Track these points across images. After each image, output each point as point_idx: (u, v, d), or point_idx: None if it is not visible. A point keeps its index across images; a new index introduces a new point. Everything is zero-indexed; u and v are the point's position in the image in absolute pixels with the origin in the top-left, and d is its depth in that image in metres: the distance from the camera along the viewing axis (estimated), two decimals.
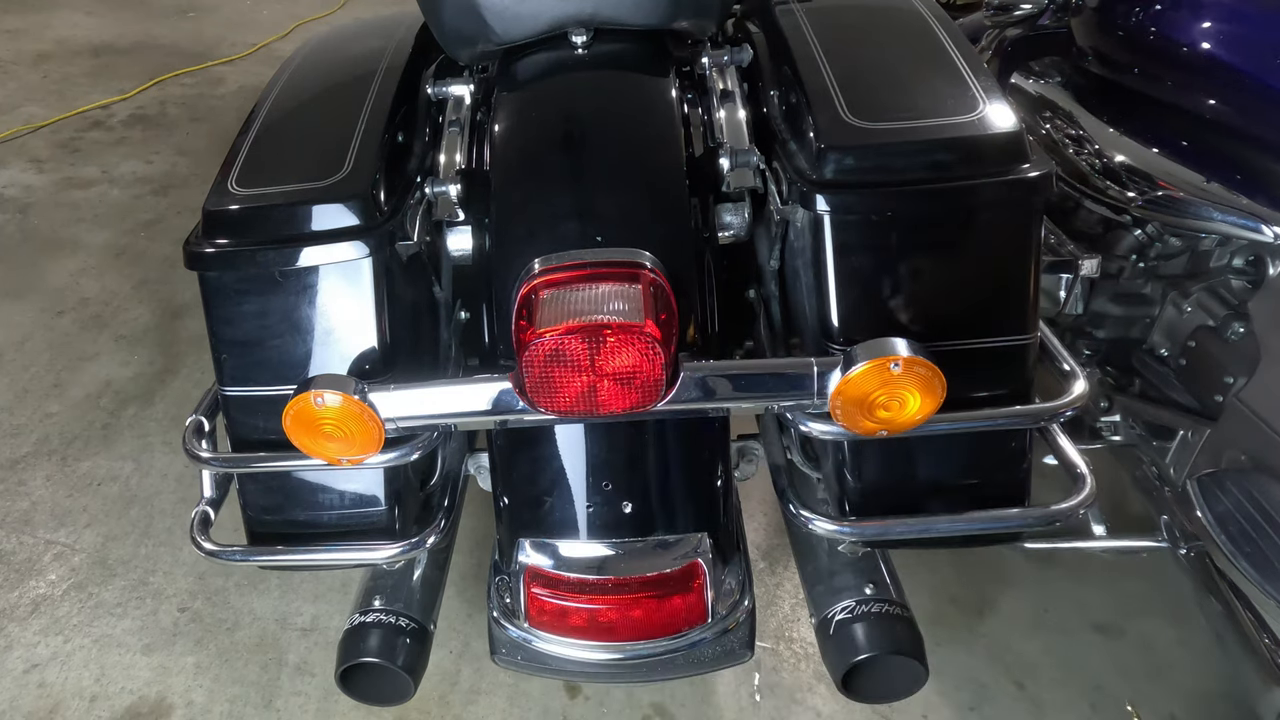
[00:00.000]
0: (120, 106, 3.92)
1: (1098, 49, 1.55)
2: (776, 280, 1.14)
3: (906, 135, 0.93)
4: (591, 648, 0.96)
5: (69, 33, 4.71)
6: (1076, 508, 0.93)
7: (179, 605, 1.78)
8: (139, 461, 2.12)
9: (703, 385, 0.87)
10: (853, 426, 0.87)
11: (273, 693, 1.62)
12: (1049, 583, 1.78)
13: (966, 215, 0.93)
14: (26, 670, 1.66)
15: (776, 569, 1.83)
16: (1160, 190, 1.32)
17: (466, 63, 1.26)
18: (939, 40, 1.09)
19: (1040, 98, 1.64)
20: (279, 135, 1.09)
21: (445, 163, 1.12)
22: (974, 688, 1.60)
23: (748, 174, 1.07)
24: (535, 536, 0.97)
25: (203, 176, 3.36)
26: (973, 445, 0.98)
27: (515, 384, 0.86)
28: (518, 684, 1.62)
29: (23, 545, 1.91)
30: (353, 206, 0.94)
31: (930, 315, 0.93)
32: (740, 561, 1.03)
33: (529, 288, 0.87)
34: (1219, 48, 1.28)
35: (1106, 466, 1.71)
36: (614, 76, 1.12)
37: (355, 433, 0.87)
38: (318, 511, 1.01)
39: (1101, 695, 1.58)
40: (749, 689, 1.61)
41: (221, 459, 1.01)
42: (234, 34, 4.76)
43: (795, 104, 1.04)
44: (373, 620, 1.02)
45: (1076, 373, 0.99)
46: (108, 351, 2.47)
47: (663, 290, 0.87)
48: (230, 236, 0.95)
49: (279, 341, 0.96)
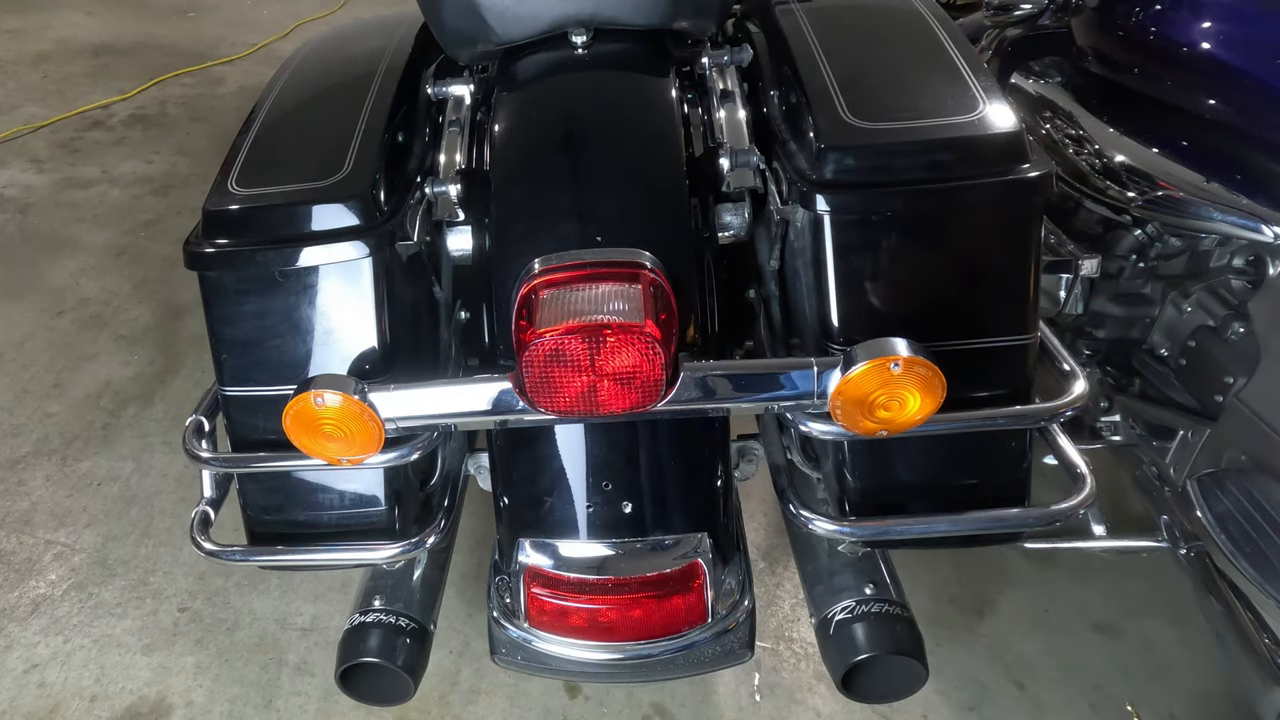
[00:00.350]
0: (120, 106, 3.92)
1: (1098, 49, 1.55)
2: (776, 280, 1.14)
3: (906, 135, 0.93)
4: (591, 648, 0.96)
5: (69, 33, 4.71)
6: (1076, 508, 0.93)
7: (179, 605, 1.78)
8: (139, 461, 2.12)
9: (703, 385, 0.87)
10: (853, 426, 0.87)
11: (273, 693, 1.62)
12: (1049, 583, 1.78)
13: (966, 215, 0.93)
14: (26, 670, 1.66)
15: (776, 569, 1.83)
16: (1160, 190, 1.32)
17: (466, 63, 1.26)
18: (939, 40, 1.09)
19: (1040, 98, 1.64)
20: (279, 135, 1.09)
21: (445, 163, 1.12)
22: (974, 688, 1.60)
23: (748, 174, 1.07)
24: (535, 536, 0.97)
25: (203, 176, 3.36)
26: (973, 445, 0.97)
27: (515, 384, 0.86)
28: (518, 684, 1.62)
29: (23, 545, 1.91)
30: (353, 206, 0.94)
31: (930, 315, 0.93)
32: (740, 561, 1.03)
33: (529, 288, 0.87)
34: (1219, 48, 1.28)
35: (1106, 466, 1.71)
36: (614, 76, 1.12)
37: (355, 433, 0.87)
38: (318, 511, 1.01)
39: (1101, 695, 1.58)
40: (749, 689, 1.61)
41: (221, 459, 1.01)
42: (234, 34, 4.76)
43: (795, 104, 1.04)
44: (373, 620, 1.02)
45: (1076, 373, 0.99)
46: (108, 351, 2.47)
47: (663, 290, 0.87)
48: (230, 236, 0.95)
49: (279, 341, 0.96)
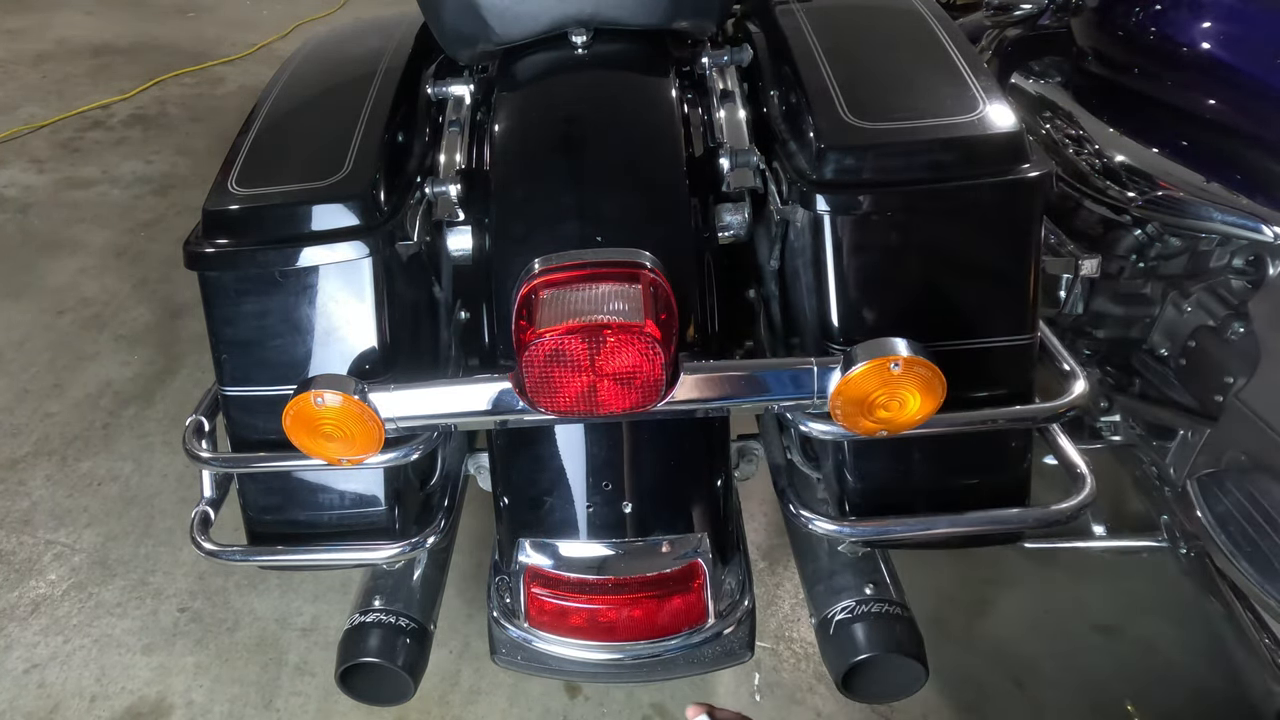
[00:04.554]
0: (120, 106, 3.92)
1: (1098, 49, 1.55)
2: (776, 280, 1.14)
3: (906, 135, 0.93)
4: (591, 648, 0.96)
5: (69, 33, 4.71)
6: (1076, 508, 0.93)
7: (179, 605, 1.78)
8: (139, 461, 2.12)
9: (703, 385, 0.87)
10: (853, 426, 0.87)
11: (273, 693, 1.62)
12: (1049, 583, 1.78)
13: (967, 215, 0.93)
14: (26, 670, 1.66)
15: (776, 569, 1.83)
16: (1160, 190, 1.32)
17: (466, 63, 1.26)
18: (939, 40, 1.09)
19: (1040, 98, 1.64)
20: (279, 135, 1.09)
21: (445, 163, 1.12)
22: (974, 688, 1.60)
23: (748, 174, 1.07)
24: (535, 536, 0.97)
25: (203, 176, 3.36)
26: (973, 445, 0.97)
27: (515, 384, 0.86)
28: (518, 684, 1.62)
29: (23, 545, 1.91)
30: (353, 206, 0.94)
31: (930, 315, 0.93)
32: (740, 561, 1.03)
33: (529, 288, 0.87)
34: (1219, 48, 1.28)
35: (1106, 466, 1.71)
36: (614, 76, 1.12)
37: (355, 433, 0.87)
38: (318, 511, 1.01)
39: (1101, 695, 1.58)
40: (749, 689, 1.61)
41: (221, 459, 1.01)
42: (234, 34, 4.76)
43: (795, 104, 1.04)
44: (373, 620, 1.02)
45: (1076, 373, 0.99)
46: (108, 351, 2.47)
47: (663, 290, 0.87)
48: (230, 236, 0.95)
49: (279, 341, 0.96)
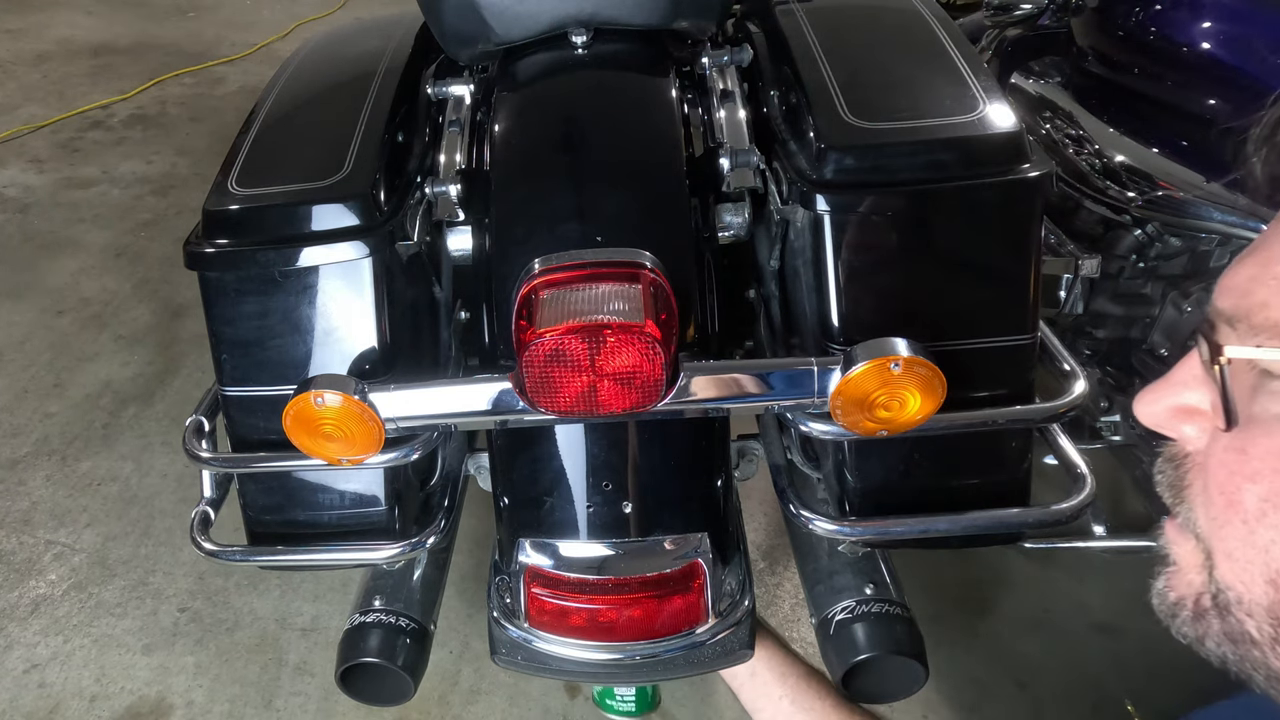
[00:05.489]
0: (120, 106, 3.91)
1: (1098, 49, 1.55)
2: (776, 280, 1.14)
3: (906, 135, 0.93)
4: (592, 648, 0.96)
5: (69, 33, 4.71)
6: (1076, 508, 0.92)
7: (179, 605, 1.78)
8: (139, 461, 2.12)
9: (703, 385, 0.87)
10: (853, 426, 0.87)
11: (273, 693, 1.62)
12: (1049, 583, 1.78)
13: (966, 215, 0.93)
14: (26, 670, 1.66)
15: (776, 569, 1.83)
16: (1160, 190, 1.32)
17: (466, 63, 1.26)
18: (939, 40, 1.09)
19: (1040, 98, 1.64)
20: (279, 135, 1.08)
21: (445, 163, 1.12)
22: (974, 688, 1.60)
23: (748, 174, 1.07)
24: (535, 536, 0.97)
25: (203, 176, 3.36)
26: (973, 445, 0.97)
27: (515, 384, 0.86)
28: (518, 684, 1.62)
29: (23, 545, 1.91)
30: (353, 206, 0.94)
31: (930, 315, 0.93)
32: (740, 561, 1.03)
33: (529, 288, 0.87)
34: (1219, 48, 1.28)
35: (1106, 466, 1.71)
36: (614, 76, 1.12)
37: (355, 433, 0.87)
38: (318, 511, 1.01)
39: (1101, 695, 1.58)
40: None
41: (221, 459, 1.01)
42: (234, 34, 4.76)
43: (795, 104, 1.04)
44: (373, 620, 1.02)
45: (1076, 373, 0.99)
46: (108, 351, 2.47)
47: (663, 290, 0.86)
48: (230, 236, 0.95)
49: (279, 341, 0.96)
